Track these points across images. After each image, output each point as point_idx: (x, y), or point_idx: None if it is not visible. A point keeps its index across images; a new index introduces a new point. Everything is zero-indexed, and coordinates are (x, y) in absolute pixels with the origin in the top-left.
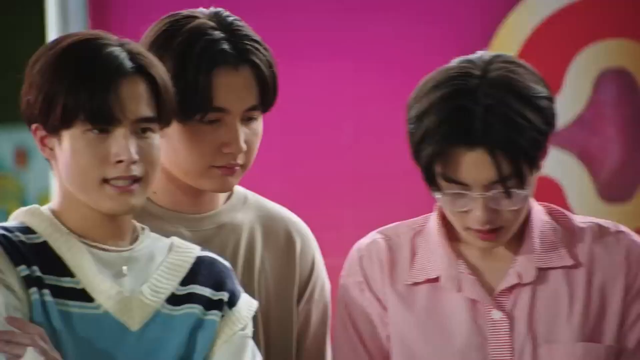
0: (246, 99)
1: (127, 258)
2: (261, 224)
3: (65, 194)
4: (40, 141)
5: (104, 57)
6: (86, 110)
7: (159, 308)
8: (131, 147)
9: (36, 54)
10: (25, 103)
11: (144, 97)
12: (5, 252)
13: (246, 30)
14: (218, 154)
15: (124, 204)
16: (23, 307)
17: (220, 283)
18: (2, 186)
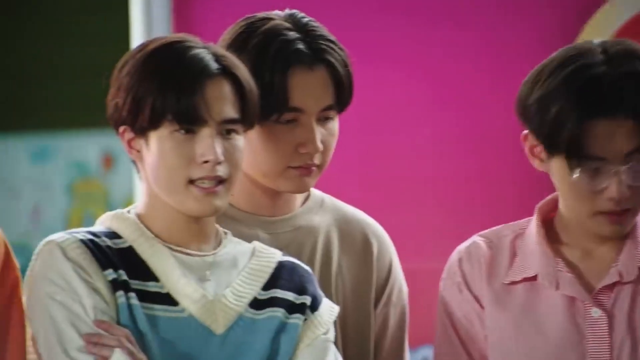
0: (322, 99)
1: (210, 263)
2: (338, 227)
3: (151, 197)
4: (127, 143)
5: (190, 59)
6: (173, 111)
7: (242, 312)
8: (217, 147)
9: (124, 58)
10: (113, 106)
11: (229, 99)
12: (93, 257)
13: (321, 31)
14: (295, 155)
15: (208, 205)
16: (110, 311)
17: (303, 287)
18: (89, 190)
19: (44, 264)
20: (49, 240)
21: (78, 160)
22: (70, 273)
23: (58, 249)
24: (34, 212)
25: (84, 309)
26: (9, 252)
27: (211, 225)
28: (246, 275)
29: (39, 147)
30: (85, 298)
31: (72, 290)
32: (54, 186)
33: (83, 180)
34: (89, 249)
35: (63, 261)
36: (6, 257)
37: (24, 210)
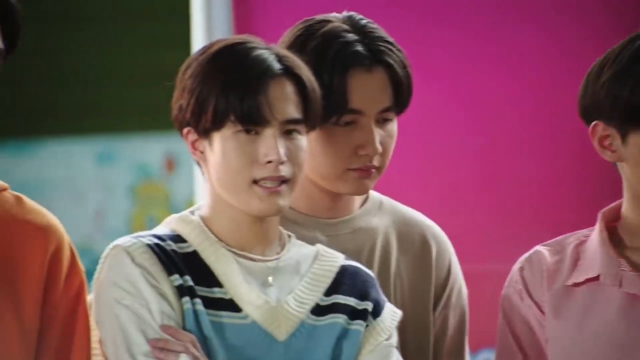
0: (381, 100)
1: (273, 268)
2: (396, 229)
3: (215, 199)
4: (191, 145)
5: (253, 59)
6: (236, 112)
7: (303, 318)
8: (280, 147)
9: (187, 60)
10: (177, 108)
11: (292, 99)
12: (160, 262)
13: (379, 32)
14: (354, 157)
15: (272, 204)
16: (176, 316)
17: (365, 293)
18: (151, 193)
19: (111, 268)
20: (115, 244)
21: (141, 163)
22: (137, 278)
23: (125, 254)
24: (97, 214)
25: (151, 314)
26: (75, 255)
27: (275, 227)
28: (308, 281)
29: (102, 150)
30: (152, 303)
31: (139, 295)
32: (117, 189)
33: (146, 182)
34: (155, 253)
35: (130, 266)
36: (72, 260)
37: (87, 213)
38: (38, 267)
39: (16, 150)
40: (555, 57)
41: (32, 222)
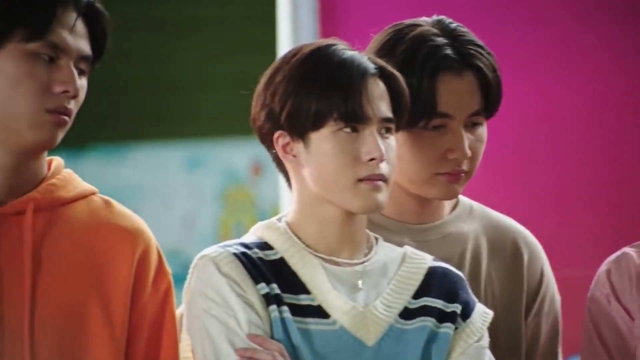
0: (470, 104)
1: (361, 272)
2: (487, 235)
3: (302, 204)
4: (282, 149)
5: (351, 60)
6: (340, 110)
7: (392, 323)
8: (381, 145)
9: (274, 66)
10: (266, 114)
11: (386, 98)
12: (246, 271)
13: (469, 36)
14: (442, 161)
15: (373, 201)
16: (264, 325)
17: (453, 294)
18: (238, 198)
19: (199, 279)
20: (203, 254)
21: (228, 168)
22: (224, 288)
23: (212, 264)
24: (186, 219)
25: (238, 323)
26: (162, 259)
27: (362, 230)
28: (396, 284)
29: (191, 155)
30: (239, 312)
31: (226, 305)
32: (205, 194)
33: (233, 187)
34: (241, 262)
35: (217, 276)
36: (159, 263)
37: (176, 218)
38: (126, 270)
39: (107, 156)
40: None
41: (120, 225)
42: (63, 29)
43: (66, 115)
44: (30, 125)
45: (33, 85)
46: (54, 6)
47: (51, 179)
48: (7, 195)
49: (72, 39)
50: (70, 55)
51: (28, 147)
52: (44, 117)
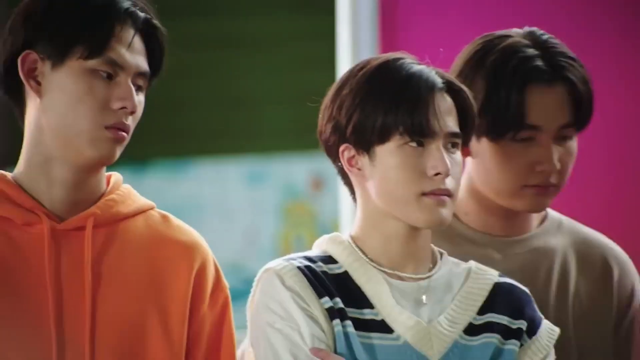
0: (560, 117)
1: (425, 287)
2: (576, 250)
3: (368, 216)
4: (347, 162)
5: (419, 73)
6: (406, 124)
7: (456, 338)
8: (446, 160)
9: (340, 80)
10: (332, 127)
11: (453, 113)
12: (310, 284)
13: (561, 48)
14: (531, 173)
15: (438, 216)
16: (327, 339)
17: (519, 311)
18: (298, 212)
19: (264, 292)
20: (267, 268)
21: (288, 183)
22: (288, 301)
23: (276, 277)
24: (247, 233)
25: (302, 337)
26: (219, 272)
27: (427, 245)
28: (461, 300)
29: (252, 170)
30: (303, 326)
31: (290, 318)
32: (265, 208)
33: (293, 202)
34: (305, 276)
35: (281, 289)
36: (216, 277)
37: (238, 232)
38: (184, 284)
39: (169, 171)
40: None
41: (177, 239)
42: (121, 45)
43: (124, 131)
44: (89, 142)
45: (92, 102)
46: (112, 23)
47: (110, 194)
48: (67, 211)
49: (130, 56)
50: (128, 71)
51: (87, 163)
52: (102, 134)
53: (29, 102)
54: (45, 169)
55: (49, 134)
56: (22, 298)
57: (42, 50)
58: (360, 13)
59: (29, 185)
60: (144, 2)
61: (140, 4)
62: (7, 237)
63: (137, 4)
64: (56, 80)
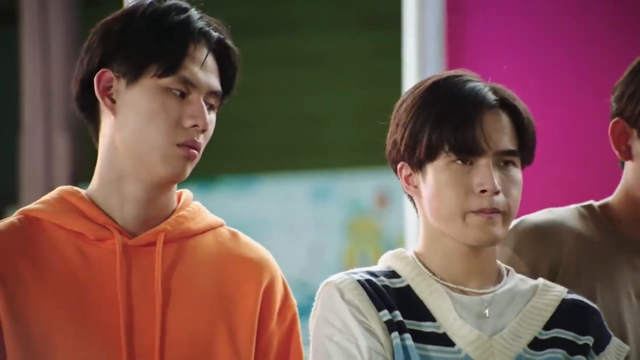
0: None
1: (488, 301)
2: None
3: (429, 234)
4: (405, 180)
5: (469, 91)
6: (451, 141)
7: (520, 353)
8: (495, 177)
9: (403, 96)
10: (391, 144)
11: (507, 130)
12: (369, 297)
13: None
14: None
15: (487, 233)
16: (385, 352)
17: (586, 327)
18: (363, 229)
19: (324, 305)
20: (328, 281)
21: (353, 200)
22: (346, 314)
23: (336, 291)
24: (312, 250)
25: (359, 350)
26: (287, 289)
27: (492, 260)
28: (526, 314)
29: (317, 186)
30: (360, 339)
31: (348, 331)
32: (331, 225)
33: (358, 218)
34: (365, 289)
35: (340, 303)
36: (285, 294)
37: (303, 249)
38: (252, 300)
39: (235, 188)
40: None
41: (246, 256)
42: (194, 64)
43: (195, 149)
44: (161, 159)
45: (165, 120)
46: (186, 43)
47: (180, 211)
48: (138, 228)
49: (203, 75)
50: (201, 90)
51: (159, 181)
52: (174, 151)
53: (103, 120)
54: (118, 186)
55: (123, 151)
56: (93, 312)
57: (117, 68)
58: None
59: (102, 201)
60: (217, 22)
61: (213, 24)
62: (79, 252)
63: (211, 24)
64: (130, 98)
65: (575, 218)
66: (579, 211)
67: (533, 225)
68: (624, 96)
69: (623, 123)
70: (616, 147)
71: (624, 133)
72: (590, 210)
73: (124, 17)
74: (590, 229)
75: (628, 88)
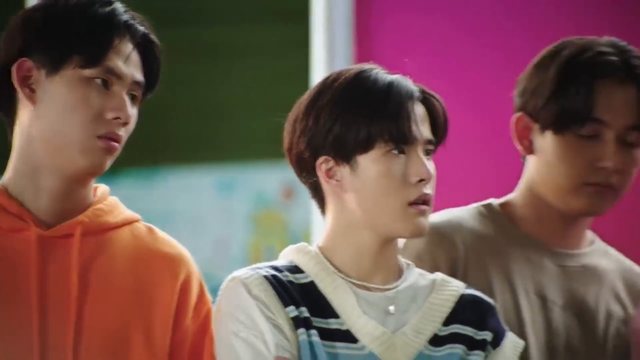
0: (627, 116)
1: (392, 298)
2: (623, 277)
3: (340, 228)
4: (325, 174)
5: (398, 82)
6: (391, 132)
7: (421, 349)
8: (429, 167)
9: (315, 91)
10: (307, 139)
11: (427, 121)
12: (276, 293)
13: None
14: (591, 170)
15: (419, 226)
16: (292, 348)
17: (484, 322)
18: (269, 222)
19: (229, 301)
20: (233, 276)
21: (259, 192)
22: (253, 310)
23: (242, 286)
24: (217, 243)
25: (266, 345)
26: (203, 285)
27: (395, 256)
28: (426, 311)
29: (222, 179)
30: (267, 335)
31: (255, 326)
32: (236, 218)
33: (264, 211)
34: (271, 285)
35: (247, 298)
36: (200, 290)
37: (207, 242)
38: (169, 296)
39: (139, 180)
40: None
41: (163, 252)
42: (118, 57)
43: (116, 141)
44: (80, 151)
45: (86, 112)
46: (111, 35)
47: (98, 204)
48: (54, 220)
49: (126, 67)
50: (124, 82)
51: (77, 173)
52: (94, 143)
53: (20, 110)
54: (33, 177)
55: (40, 142)
56: (6, 304)
57: (38, 58)
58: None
59: (17, 193)
60: (140, 17)
61: (138, 18)
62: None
63: (135, 18)
64: (51, 88)
65: (473, 218)
66: (478, 210)
67: (431, 227)
68: (526, 91)
69: (526, 118)
70: (519, 141)
71: (526, 128)
72: (490, 209)
73: (47, 6)
74: (489, 228)
75: (530, 82)
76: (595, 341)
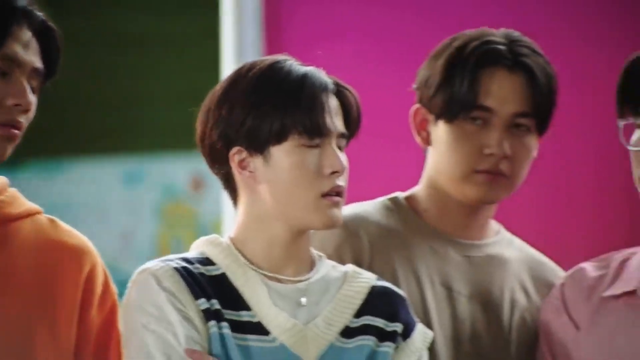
0: (514, 103)
1: (303, 290)
2: (528, 266)
3: (252, 219)
4: (238, 165)
5: (312, 74)
6: (305, 124)
7: (332, 341)
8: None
9: (228, 81)
10: (220, 130)
11: (340, 113)
12: (187, 285)
13: (529, 43)
14: (480, 157)
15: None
16: (202, 340)
17: (395, 314)
18: (177, 213)
19: (139, 293)
20: (143, 268)
21: (167, 183)
22: (163, 302)
23: (152, 278)
24: (123, 235)
25: (176, 338)
26: (107, 277)
27: (307, 247)
28: (338, 302)
29: (129, 170)
30: (178, 327)
31: (165, 319)
32: (143, 209)
33: (172, 203)
34: (182, 277)
35: (157, 290)
36: (105, 282)
37: (114, 233)
38: (73, 288)
39: (42, 171)
40: None
41: (66, 244)
42: (17, 44)
43: (17, 129)
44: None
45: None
46: (8, 22)
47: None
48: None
49: (25, 54)
50: (23, 69)
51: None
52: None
53: None
54: None
55: None
56: None
57: None
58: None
59: None
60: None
61: (35, 5)
62: None
63: (32, 4)
64: None
65: (378, 211)
66: (384, 204)
67: None
68: (421, 82)
69: (423, 109)
70: (417, 133)
71: (424, 119)
72: (395, 203)
73: None
74: (394, 221)
75: (424, 74)
76: (501, 330)
